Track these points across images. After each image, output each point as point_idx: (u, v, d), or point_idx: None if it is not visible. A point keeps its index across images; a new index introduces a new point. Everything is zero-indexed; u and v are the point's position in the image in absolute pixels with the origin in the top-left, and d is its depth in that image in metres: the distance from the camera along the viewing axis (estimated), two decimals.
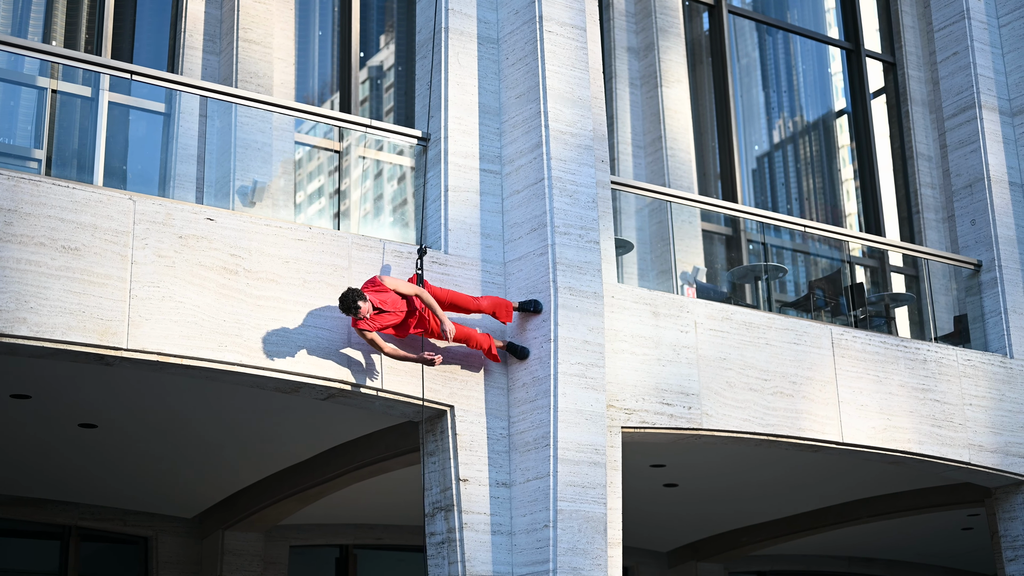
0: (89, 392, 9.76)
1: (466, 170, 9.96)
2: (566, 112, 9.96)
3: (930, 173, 13.66)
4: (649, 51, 12.84)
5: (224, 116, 9.96)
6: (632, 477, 11.51)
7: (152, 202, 8.70)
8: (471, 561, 9.09)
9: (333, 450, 11.02)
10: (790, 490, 12.95)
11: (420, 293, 9.01)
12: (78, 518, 12.47)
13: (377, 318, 8.88)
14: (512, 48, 10.25)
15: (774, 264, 12.36)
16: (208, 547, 12.70)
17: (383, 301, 8.87)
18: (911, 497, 13.04)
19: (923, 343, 11.54)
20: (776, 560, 15.73)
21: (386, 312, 8.90)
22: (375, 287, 8.88)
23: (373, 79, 11.92)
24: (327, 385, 9.00)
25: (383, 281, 8.91)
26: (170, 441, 10.89)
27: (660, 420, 9.92)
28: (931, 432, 11.16)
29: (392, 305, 8.93)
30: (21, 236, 8.19)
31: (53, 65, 9.36)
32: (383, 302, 8.87)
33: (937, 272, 12.87)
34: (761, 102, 13.85)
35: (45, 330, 8.12)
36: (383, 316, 8.91)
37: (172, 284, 8.57)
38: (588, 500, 9.17)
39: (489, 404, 9.48)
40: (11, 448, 10.96)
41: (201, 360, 8.57)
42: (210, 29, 10.95)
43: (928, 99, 13.89)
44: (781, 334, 10.71)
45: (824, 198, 13.89)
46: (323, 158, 10.68)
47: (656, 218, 11.69)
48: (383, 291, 8.89)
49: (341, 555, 13.57)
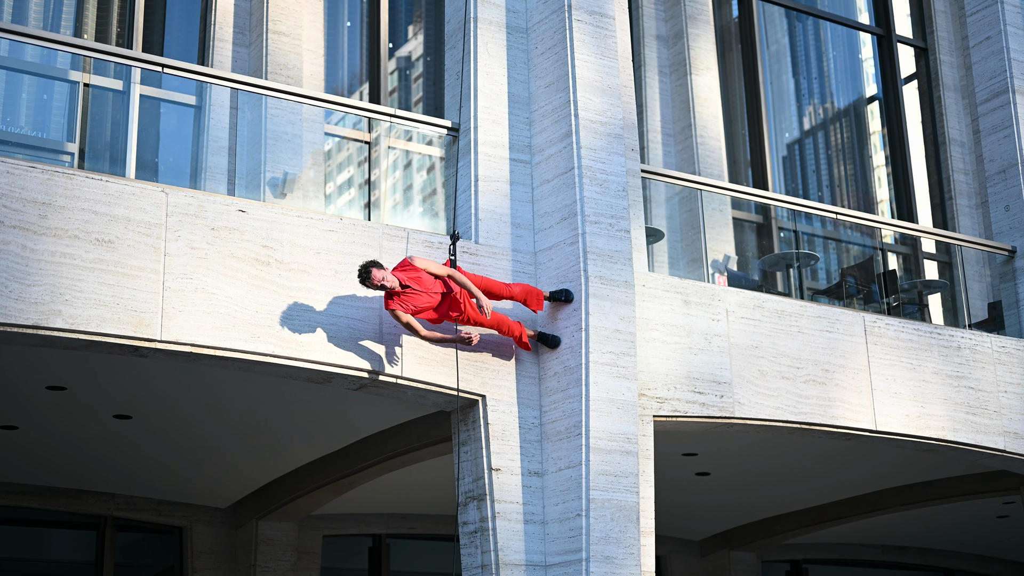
0: (124, 384, 9.83)
1: (496, 160, 9.97)
2: (596, 101, 9.95)
3: (963, 159, 13.57)
4: (678, 39, 12.80)
5: (254, 108, 10.00)
6: (664, 466, 11.51)
7: (184, 194, 8.74)
8: (504, 550, 9.11)
9: (365, 440, 11.06)
10: (823, 478, 12.91)
11: (452, 273, 9.03)
12: (114, 508, 12.56)
13: (410, 299, 8.86)
14: (541, 37, 10.24)
15: (805, 252, 12.30)
16: (242, 536, 12.78)
17: (415, 279, 8.88)
18: (945, 485, 12.98)
19: (957, 330, 11.47)
20: (809, 548, 15.68)
21: (420, 292, 8.90)
22: (407, 268, 8.91)
23: (402, 69, 11.94)
24: (359, 375, 9.04)
25: (414, 262, 8.93)
26: (204, 432, 10.96)
27: (692, 409, 9.91)
28: (965, 419, 11.09)
29: (425, 286, 8.92)
30: (56, 229, 8.25)
31: (85, 59, 9.42)
32: (415, 280, 8.88)
33: (971, 258, 12.78)
34: (791, 89, 13.78)
35: (80, 322, 8.18)
36: (417, 297, 8.90)
37: (205, 276, 8.62)
38: (620, 489, 9.17)
39: (521, 393, 9.49)
40: (48, 440, 11.05)
41: (234, 351, 8.62)
42: (240, 21, 10.99)
43: (960, 84, 13.79)
44: (813, 322, 10.67)
45: (856, 185, 13.82)
46: (352, 149, 10.71)
47: (686, 206, 11.66)
48: (415, 271, 8.90)
49: (374, 544, 13.63)
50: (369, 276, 8.69)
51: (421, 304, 8.92)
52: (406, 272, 8.87)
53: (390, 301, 8.84)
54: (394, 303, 8.83)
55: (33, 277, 8.11)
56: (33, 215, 8.21)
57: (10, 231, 8.12)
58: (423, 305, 8.93)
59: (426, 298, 8.94)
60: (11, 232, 8.12)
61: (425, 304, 8.94)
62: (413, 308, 8.88)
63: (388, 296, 8.86)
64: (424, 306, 8.94)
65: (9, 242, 8.10)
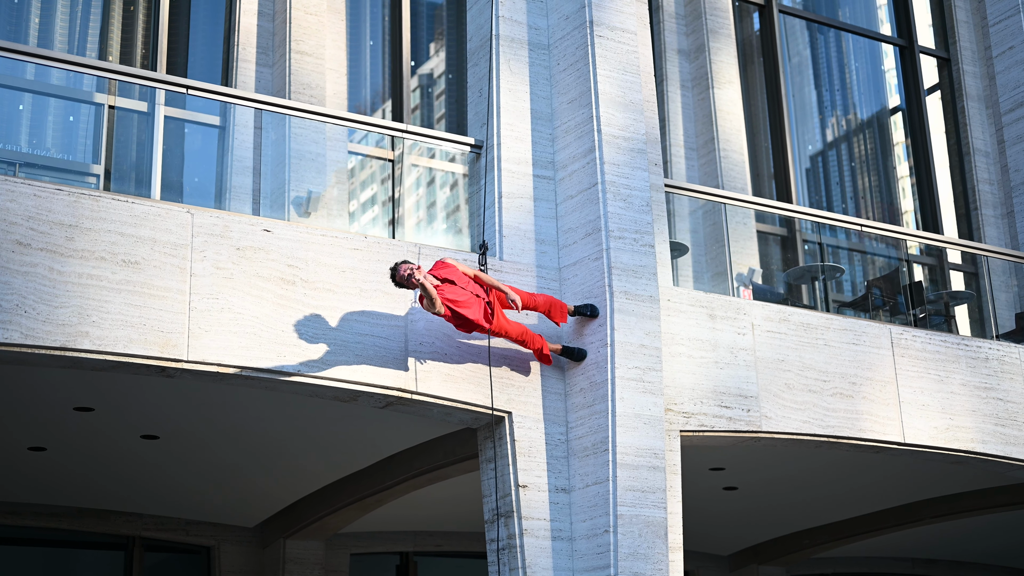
0: (151, 404, 9.87)
1: (519, 176, 9.98)
2: (618, 116, 9.95)
3: (987, 169, 13.50)
4: (700, 53, 12.80)
5: (278, 128, 10.04)
6: (691, 481, 11.47)
7: (209, 215, 8.78)
8: (532, 567, 9.09)
9: (392, 458, 11.06)
10: (851, 492, 12.84)
11: (479, 274, 9.09)
12: (142, 529, 12.60)
13: (445, 291, 8.85)
14: (563, 53, 10.26)
15: (831, 264, 12.26)
16: (269, 556, 12.79)
17: (450, 273, 8.92)
18: (974, 497, 12.88)
19: (984, 341, 11.40)
20: (838, 563, 15.59)
21: (454, 284, 8.91)
22: (441, 266, 8.98)
23: (424, 87, 11.97)
24: (385, 393, 9.04)
25: (447, 261, 9.02)
26: (231, 451, 10.98)
27: (719, 423, 9.88)
28: (994, 431, 11.02)
29: (460, 280, 8.95)
30: (82, 251, 8.30)
31: (110, 81, 9.48)
32: (450, 273, 8.92)
33: (997, 269, 12.71)
34: (814, 101, 13.75)
35: (107, 343, 8.21)
36: (452, 288, 8.89)
37: (231, 296, 8.65)
38: (648, 505, 9.14)
39: (547, 410, 9.48)
40: (76, 460, 11.10)
41: (260, 370, 8.64)
42: (263, 42, 11.04)
43: (984, 94, 13.73)
44: (840, 335, 10.63)
45: (880, 196, 13.77)
46: (375, 167, 10.73)
47: (710, 220, 11.64)
48: (448, 267, 8.97)
49: (401, 562, 13.61)
50: (396, 271, 8.72)
51: (457, 297, 8.89)
52: (440, 270, 8.95)
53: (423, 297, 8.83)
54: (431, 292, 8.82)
55: (60, 299, 8.15)
56: (60, 237, 8.25)
57: (37, 253, 8.17)
58: (458, 298, 8.90)
59: (461, 291, 8.91)
60: (38, 255, 8.17)
61: (460, 297, 8.91)
62: (447, 298, 8.87)
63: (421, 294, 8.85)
64: (459, 299, 8.90)
65: (37, 264, 8.15)
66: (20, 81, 9.51)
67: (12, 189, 8.22)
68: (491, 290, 9.15)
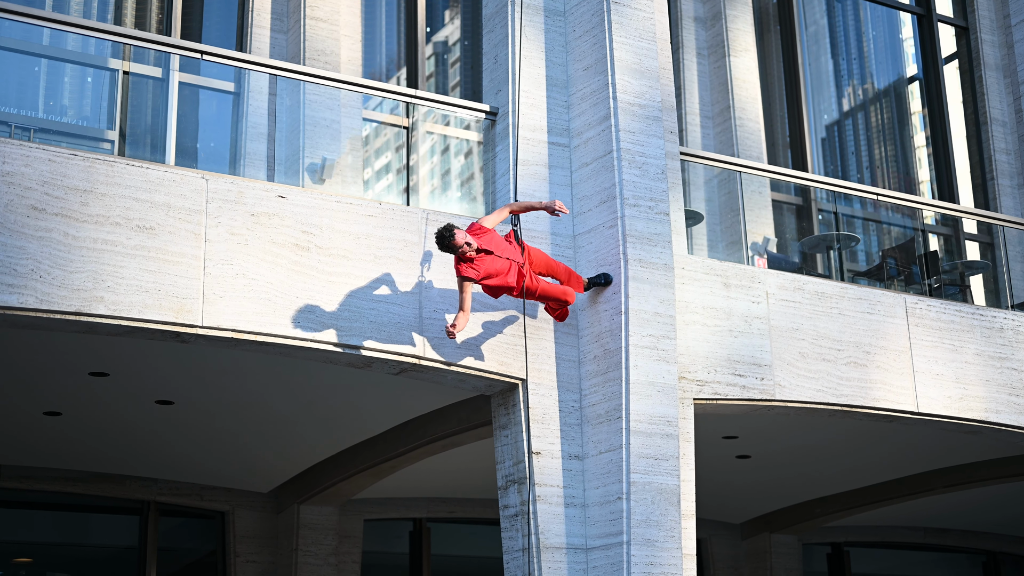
0: (166, 369, 9.90)
1: (534, 143, 9.95)
2: (634, 84, 9.91)
3: (1004, 138, 13.43)
4: (716, 20, 12.73)
5: (293, 94, 10.03)
6: (704, 449, 11.48)
7: (224, 180, 8.78)
8: (544, 533, 9.12)
9: (406, 424, 11.09)
10: (864, 461, 12.85)
11: (512, 207, 9.00)
12: (156, 494, 12.67)
13: (483, 262, 8.72)
14: (579, 20, 10.21)
15: (846, 233, 12.22)
16: (284, 521, 12.86)
17: (488, 241, 8.81)
18: (987, 467, 12.88)
19: (999, 311, 11.37)
20: (850, 531, 15.62)
21: (493, 255, 8.79)
22: (478, 232, 8.80)
23: (439, 54, 11.93)
24: (399, 360, 9.06)
25: (483, 222, 8.85)
26: (245, 417, 11.03)
27: (732, 391, 9.88)
28: (1008, 401, 11.01)
29: (499, 248, 8.84)
30: (97, 216, 8.31)
31: (125, 47, 9.47)
32: (489, 242, 8.80)
33: (1013, 239, 12.66)
34: (830, 70, 13.68)
35: (122, 308, 8.24)
36: (491, 260, 8.78)
37: (245, 261, 8.66)
38: (661, 472, 9.16)
39: (561, 377, 9.49)
40: (91, 425, 11.15)
41: (274, 336, 8.66)
42: (277, 8, 11.01)
43: (1002, 63, 13.64)
44: (854, 304, 10.61)
45: (896, 166, 13.71)
46: (390, 134, 10.72)
47: (725, 189, 11.61)
48: (486, 232, 8.80)
49: (415, 528, 13.68)
50: (452, 237, 8.54)
51: (493, 269, 8.78)
52: (479, 236, 8.78)
53: (463, 266, 8.70)
54: (467, 268, 8.70)
55: (75, 264, 8.17)
56: (75, 202, 8.27)
57: (52, 218, 8.19)
58: (495, 270, 8.79)
59: (500, 262, 8.81)
60: (53, 219, 8.19)
61: (497, 269, 8.79)
62: (485, 272, 8.75)
63: (460, 260, 8.71)
64: (495, 271, 8.79)
65: (51, 229, 8.17)
66: (35, 46, 9.51)
67: (27, 154, 8.23)
68: (527, 249, 9.06)
